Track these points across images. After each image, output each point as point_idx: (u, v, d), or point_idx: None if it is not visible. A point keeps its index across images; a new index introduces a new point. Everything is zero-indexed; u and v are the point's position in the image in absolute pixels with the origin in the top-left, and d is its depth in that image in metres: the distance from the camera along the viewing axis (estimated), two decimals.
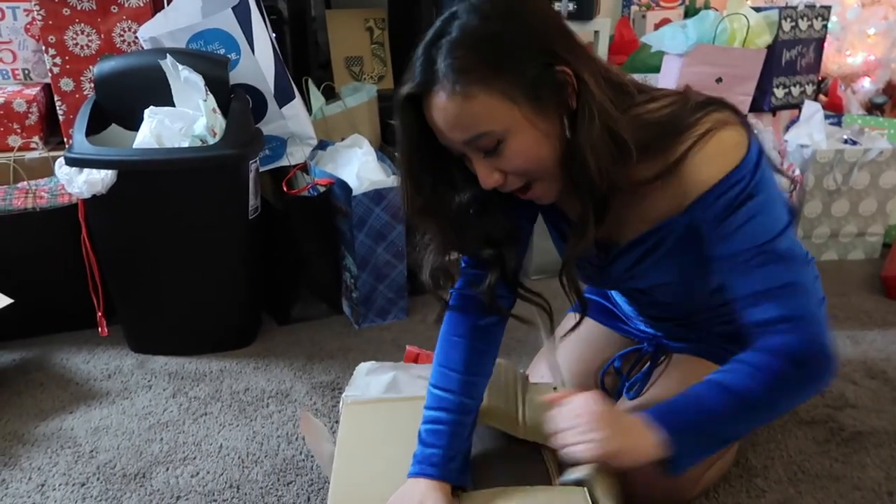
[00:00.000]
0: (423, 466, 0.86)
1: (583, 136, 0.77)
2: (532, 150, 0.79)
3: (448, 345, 0.94)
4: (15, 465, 1.16)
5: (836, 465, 1.15)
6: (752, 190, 0.79)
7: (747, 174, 0.79)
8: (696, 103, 0.82)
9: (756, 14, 1.98)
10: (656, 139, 0.81)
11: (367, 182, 1.53)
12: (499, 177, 0.81)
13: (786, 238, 0.81)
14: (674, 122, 0.81)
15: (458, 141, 0.79)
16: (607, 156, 0.78)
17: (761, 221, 0.80)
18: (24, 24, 1.67)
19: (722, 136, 0.80)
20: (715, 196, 0.80)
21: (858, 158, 1.89)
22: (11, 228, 1.45)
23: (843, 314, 1.66)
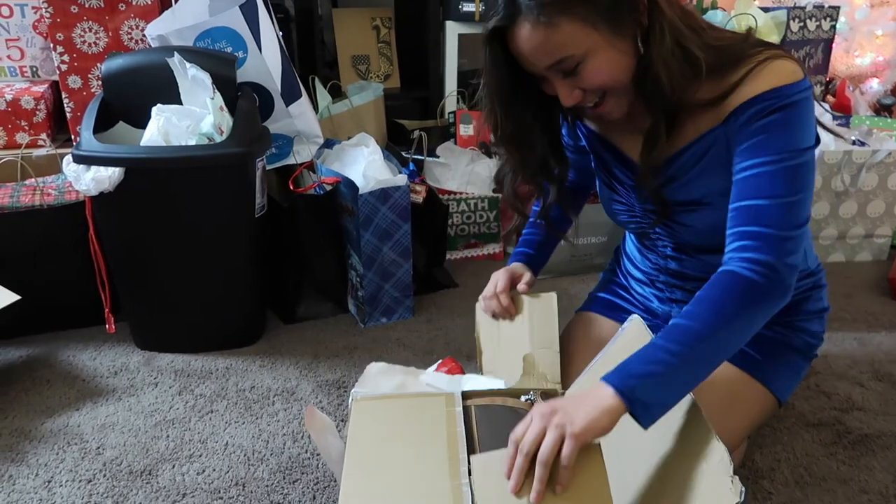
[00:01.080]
0: (517, 254, 1.20)
1: (655, 51, 0.84)
2: (609, 69, 0.85)
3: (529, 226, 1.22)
4: (22, 462, 1.17)
5: (843, 467, 1.14)
6: (787, 106, 0.84)
7: (790, 94, 0.84)
8: (757, 41, 0.90)
9: (764, 14, 1.98)
10: (719, 62, 0.87)
11: (374, 181, 1.53)
12: (578, 94, 0.88)
13: (799, 158, 0.84)
14: (736, 49, 0.88)
15: (542, 66, 0.86)
16: (678, 70, 0.85)
17: (781, 136, 0.84)
18: (33, 21, 1.68)
19: (780, 63, 0.86)
20: (753, 104, 0.85)
21: (866, 160, 1.88)
22: (19, 225, 1.45)
23: (851, 316, 1.65)
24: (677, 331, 0.79)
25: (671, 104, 0.88)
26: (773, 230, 0.82)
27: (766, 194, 0.84)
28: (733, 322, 0.80)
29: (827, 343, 1.51)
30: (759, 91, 0.85)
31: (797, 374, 1.09)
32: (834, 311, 1.65)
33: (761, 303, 0.81)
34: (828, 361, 1.45)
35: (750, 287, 0.81)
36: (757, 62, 0.86)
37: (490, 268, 1.23)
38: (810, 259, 1.09)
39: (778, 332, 1.07)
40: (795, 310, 1.08)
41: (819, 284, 1.11)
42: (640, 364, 0.77)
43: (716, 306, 0.80)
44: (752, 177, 0.85)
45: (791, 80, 0.85)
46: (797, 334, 1.08)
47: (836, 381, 1.38)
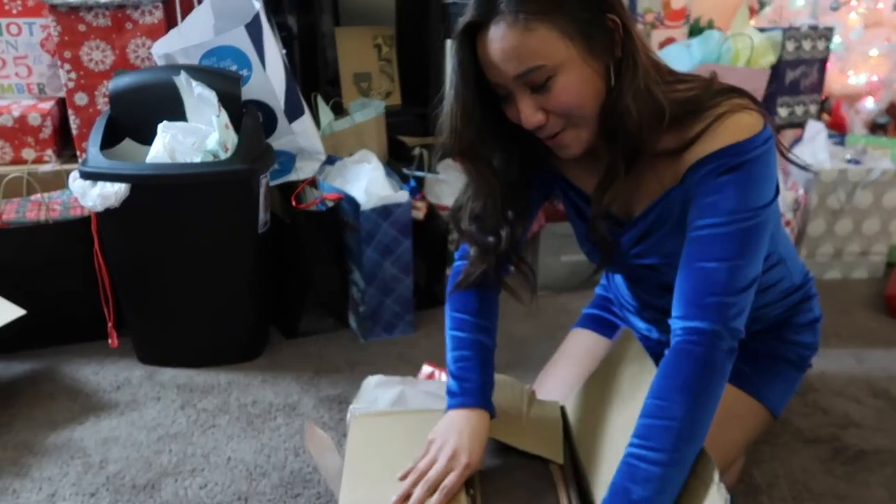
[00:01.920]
0: (464, 398, 0.92)
1: (626, 83, 0.82)
2: (579, 89, 0.83)
3: (457, 297, 1.02)
4: (26, 476, 1.17)
5: (841, 483, 1.15)
6: (743, 164, 0.83)
7: (747, 150, 0.83)
8: (719, 89, 0.87)
9: (760, 34, 2.01)
10: (680, 113, 0.85)
11: (375, 197, 1.55)
12: (541, 116, 0.84)
13: (752, 219, 0.83)
14: (696, 101, 0.86)
15: (510, 74, 0.82)
16: (646, 109, 0.83)
17: (735, 196, 0.83)
18: (40, 39, 1.70)
19: (738, 117, 0.84)
20: (708, 161, 0.84)
21: (862, 178, 1.90)
22: (24, 240, 1.47)
23: (847, 333, 1.67)
24: (656, 433, 0.78)
25: (633, 145, 0.86)
26: (719, 297, 0.81)
27: (714, 257, 0.82)
28: (701, 404, 0.80)
29: (824, 360, 1.52)
30: (714, 148, 0.83)
31: (791, 386, 1.11)
32: (830, 328, 1.67)
33: (715, 376, 0.81)
34: (825, 378, 1.46)
35: (706, 365, 0.81)
36: (715, 116, 0.84)
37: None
38: (795, 274, 1.08)
39: (770, 345, 1.09)
40: (786, 324, 1.09)
41: (808, 296, 1.12)
42: (638, 486, 0.77)
43: (682, 395, 0.79)
44: (704, 237, 0.84)
45: (748, 135, 0.83)
46: (789, 347, 1.10)
47: (834, 398, 1.39)
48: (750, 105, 0.85)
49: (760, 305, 1.04)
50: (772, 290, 1.05)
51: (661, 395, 0.80)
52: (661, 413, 0.79)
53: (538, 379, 1.24)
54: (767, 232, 0.87)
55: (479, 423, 0.91)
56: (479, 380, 0.94)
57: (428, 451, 0.89)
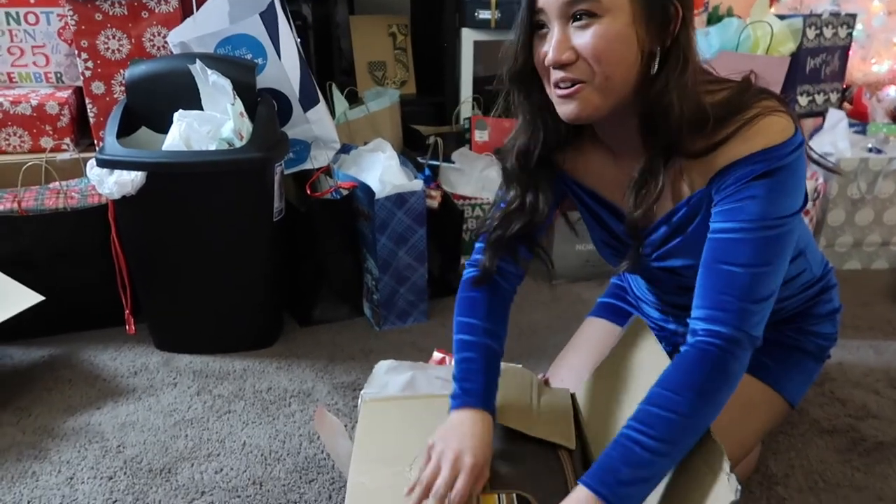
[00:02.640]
0: (465, 399, 0.89)
1: (672, 77, 0.80)
2: (617, 42, 0.79)
3: (467, 300, 0.99)
4: (45, 459, 1.19)
5: (858, 475, 1.14)
6: (774, 171, 0.81)
7: (779, 156, 0.81)
8: (756, 89, 0.85)
9: (780, 22, 1.98)
10: (718, 115, 0.82)
11: (390, 186, 1.55)
12: (571, 54, 0.80)
13: (779, 227, 0.82)
14: (728, 104, 0.83)
15: (559, 2, 0.79)
16: (690, 110, 0.81)
17: (765, 203, 0.81)
18: (58, 28, 1.71)
19: (769, 120, 0.81)
20: (739, 166, 0.82)
21: (883, 167, 1.87)
22: (43, 228, 1.49)
23: (866, 324, 1.65)
24: (658, 421, 0.78)
25: (670, 143, 0.84)
26: (743, 303, 0.80)
27: (739, 261, 0.81)
28: (706, 404, 0.79)
29: (842, 350, 1.51)
30: (745, 153, 0.81)
31: (809, 377, 1.10)
32: (850, 318, 1.65)
33: (727, 379, 0.81)
34: (843, 369, 1.45)
35: (719, 367, 0.80)
36: (747, 119, 0.81)
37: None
38: (815, 265, 1.07)
39: (789, 336, 1.08)
40: (805, 315, 1.08)
41: (828, 287, 1.10)
42: (628, 467, 0.76)
43: (689, 391, 0.78)
44: (728, 240, 0.82)
45: (780, 140, 0.81)
46: (808, 338, 1.09)
47: (852, 389, 1.38)
48: (781, 108, 0.83)
49: (780, 298, 1.01)
50: (792, 282, 1.04)
51: (670, 388, 0.79)
52: (667, 404, 0.78)
53: (552, 367, 1.24)
54: (793, 241, 0.85)
55: (481, 424, 0.88)
56: (482, 382, 0.91)
57: (430, 459, 0.86)
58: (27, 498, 1.10)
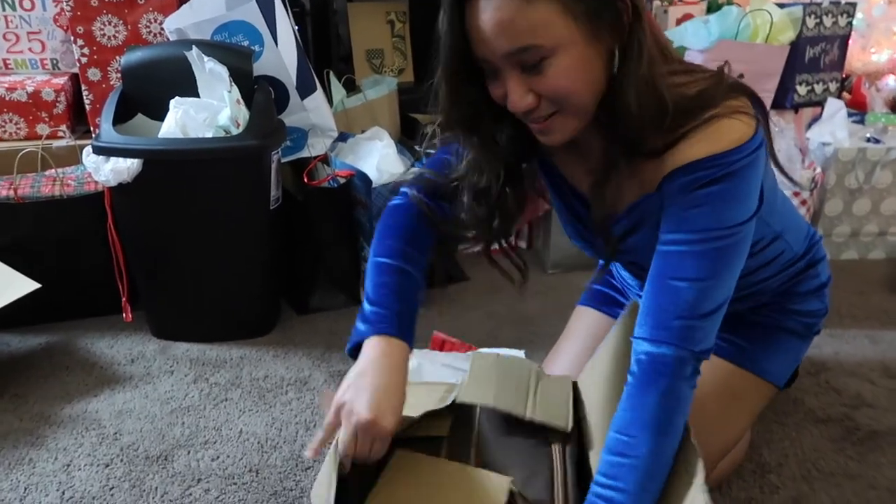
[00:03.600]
0: (379, 326, 0.83)
1: (631, 71, 0.74)
2: (576, 74, 0.74)
3: (390, 223, 0.93)
4: (42, 446, 1.19)
5: (851, 463, 1.15)
6: (725, 177, 0.76)
7: (731, 161, 0.76)
8: (728, 84, 0.80)
9: (780, 10, 1.97)
10: (677, 113, 0.77)
11: (387, 174, 1.55)
12: (532, 100, 0.76)
13: (728, 237, 0.78)
14: (695, 99, 0.78)
15: (500, 51, 0.73)
16: (649, 105, 0.75)
17: (713, 212, 0.77)
18: (53, 14, 1.70)
19: (725, 124, 0.76)
20: (686, 172, 0.77)
21: (881, 157, 1.87)
22: (39, 215, 1.48)
23: (863, 313, 1.65)
24: (622, 471, 0.76)
25: (631, 141, 0.78)
26: (686, 320, 0.77)
27: (685, 276, 0.77)
28: (664, 431, 0.78)
29: (838, 340, 1.51)
30: (694, 157, 0.76)
31: (795, 356, 1.08)
32: (846, 308, 1.65)
33: (680, 401, 0.79)
34: (838, 358, 1.45)
35: (668, 394, 0.77)
36: (705, 119, 0.76)
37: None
38: (796, 244, 1.02)
39: (768, 316, 1.05)
40: (788, 294, 1.05)
41: (814, 261, 1.06)
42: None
43: (643, 427, 0.77)
44: (674, 253, 0.78)
45: (735, 145, 0.76)
46: (791, 317, 1.06)
47: (847, 378, 1.38)
48: (746, 108, 0.78)
49: (759, 281, 1.01)
50: (770, 265, 1.01)
51: (625, 431, 0.78)
52: (625, 450, 0.77)
53: (547, 357, 1.24)
54: (745, 249, 0.81)
55: (396, 356, 0.82)
56: (396, 307, 0.84)
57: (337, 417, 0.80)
58: (24, 484, 1.10)
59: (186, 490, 1.09)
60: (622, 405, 0.80)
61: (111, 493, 1.09)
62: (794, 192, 1.86)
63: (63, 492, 1.09)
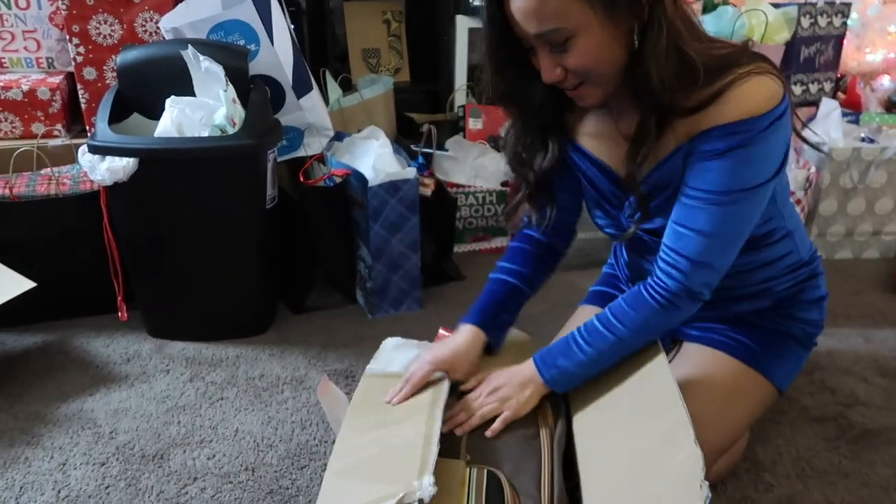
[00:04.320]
0: (465, 318, 1.07)
1: (649, 47, 0.82)
2: (597, 52, 0.84)
3: (511, 248, 1.15)
4: (37, 445, 1.19)
5: (845, 461, 1.15)
6: (752, 141, 0.83)
7: (761, 127, 0.83)
8: (753, 53, 0.88)
9: (775, 10, 1.97)
10: (710, 73, 0.84)
11: (383, 173, 1.55)
12: (560, 72, 0.87)
13: (743, 200, 0.87)
14: (727, 59, 0.86)
15: (531, 32, 0.84)
16: (671, 71, 0.83)
17: (734, 173, 0.85)
18: (49, 13, 1.70)
19: (762, 80, 0.83)
20: (721, 133, 0.84)
21: (875, 157, 1.88)
22: (35, 214, 1.48)
23: (857, 312, 1.66)
24: (598, 338, 0.95)
25: (661, 105, 0.86)
26: (690, 264, 0.89)
27: (697, 227, 0.88)
28: (641, 335, 0.95)
29: (832, 339, 1.52)
30: (730, 118, 0.83)
31: (797, 364, 1.11)
32: (840, 307, 1.66)
33: (665, 324, 0.95)
34: (832, 357, 1.46)
35: (660, 314, 0.93)
36: (740, 74, 0.83)
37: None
38: (803, 249, 1.08)
39: (777, 322, 1.08)
40: (793, 300, 1.09)
41: (815, 273, 1.11)
42: (564, 359, 0.97)
43: (630, 324, 0.94)
44: (691, 205, 0.88)
45: (767, 108, 0.83)
46: (796, 324, 1.09)
47: (841, 377, 1.39)
48: (773, 71, 0.85)
49: (767, 278, 1.05)
50: (778, 262, 1.04)
51: (616, 314, 0.95)
52: (607, 325, 0.95)
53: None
54: (754, 214, 0.90)
55: (467, 335, 1.05)
56: (487, 305, 1.08)
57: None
58: (19, 483, 1.10)
59: (182, 489, 1.09)
60: (625, 298, 0.96)
61: (107, 491, 1.09)
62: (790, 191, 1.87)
63: (59, 490, 1.09)
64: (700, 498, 0.70)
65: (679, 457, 0.76)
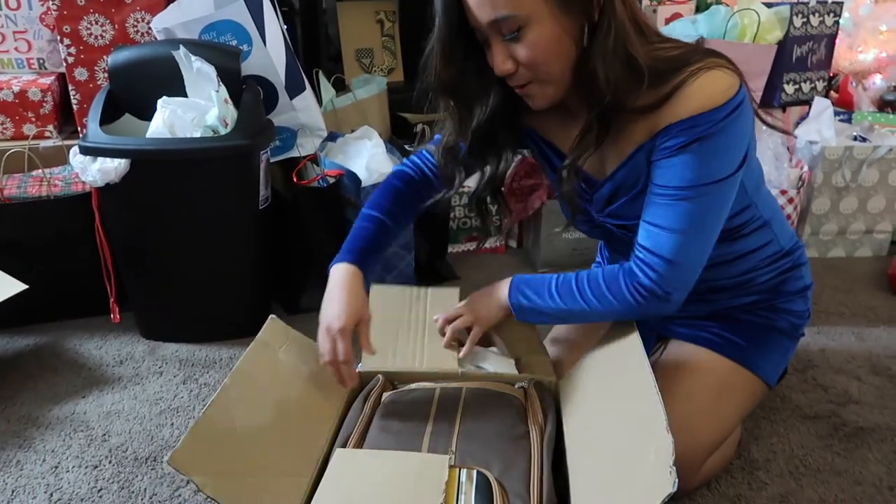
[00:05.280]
0: (341, 256, 1.04)
1: (597, 47, 0.83)
2: (548, 45, 0.84)
3: (386, 185, 1.12)
4: (29, 448, 1.19)
5: (838, 459, 1.16)
6: (712, 135, 0.83)
7: (719, 119, 0.83)
8: (705, 49, 0.88)
9: (767, 10, 1.98)
10: (662, 71, 0.85)
11: (377, 174, 1.55)
12: (511, 65, 0.86)
13: (709, 194, 0.86)
14: (678, 59, 0.86)
15: (484, 19, 0.84)
16: (618, 71, 0.83)
17: (697, 167, 0.85)
18: (40, 13, 1.69)
19: (715, 74, 0.84)
20: (680, 128, 0.85)
21: (868, 155, 1.88)
22: (26, 215, 1.47)
23: (850, 311, 1.66)
24: (570, 298, 0.96)
25: (607, 105, 0.86)
26: (670, 259, 0.88)
27: (667, 224, 0.88)
28: (610, 317, 0.98)
29: (825, 337, 1.52)
30: (686, 113, 0.84)
31: (784, 356, 1.11)
32: (833, 305, 1.67)
33: (636, 316, 0.96)
34: (826, 355, 1.46)
35: (632, 307, 0.93)
36: (691, 71, 0.84)
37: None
38: (783, 238, 1.07)
39: (762, 315, 1.08)
40: (776, 292, 1.09)
41: (798, 263, 1.10)
42: (536, 296, 0.98)
43: (603, 303, 0.94)
44: (661, 204, 0.88)
45: (722, 101, 0.83)
46: (781, 316, 1.09)
47: (834, 375, 1.39)
48: (727, 65, 0.85)
49: (747, 269, 1.05)
50: (758, 252, 1.04)
51: (592, 287, 0.95)
52: (581, 292, 0.95)
53: None
54: (723, 210, 0.89)
55: (350, 277, 1.02)
56: (363, 244, 1.05)
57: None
58: (11, 487, 1.10)
59: (175, 491, 1.09)
60: (604, 273, 0.95)
61: (100, 494, 1.08)
62: (782, 189, 1.88)
63: (51, 494, 1.08)
64: (669, 482, 0.70)
65: (652, 447, 0.76)
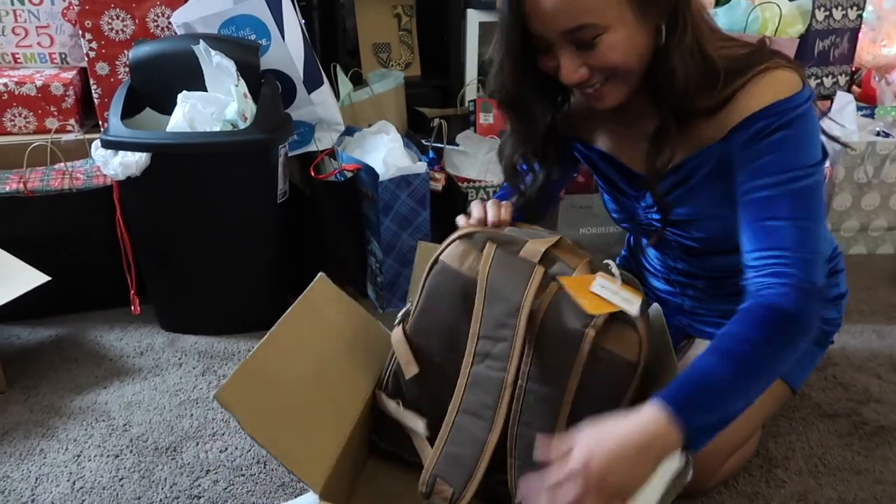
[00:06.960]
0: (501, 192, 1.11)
1: (675, 44, 0.83)
2: (626, 48, 0.83)
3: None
4: (52, 437, 1.21)
5: (858, 458, 1.15)
6: (791, 122, 0.82)
7: (792, 108, 0.82)
8: (770, 50, 0.88)
9: (789, 3, 1.95)
10: (729, 73, 0.85)
11: (394, 168, 1.55)
12: (585, 72, 0.85)
13: (808, 177, 0.83)
14: (745, 58, 0.86)
15: (558, 30, 0.82)
16: (695, 69, 0.83)
17: (789, 154, 0.82)
18: (62, 8, 1.71)
19: (778, 74, 0.84)
20: (754, 121, 0.83)
21: (890, 151, 1.86)
22: (49, 208, 1.49)
23: (870, 308, 1.64)
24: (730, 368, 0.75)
25: (680, 105, 0.86)
26: (794, 250, 0.79)
27: (781, 215, 0.81)
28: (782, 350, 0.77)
29: (845, 335, 1.51)
30: (759, 106, 0.83)
31: (811, 362, 1.10)
32: (854, 303, 1.65)
33: (800, 329, 0.77)
34: (846, 353, 1.45)
35: (790, 316, 0.76)
36: (757, 71, 0.84)
37: None
38: (825, 243, 1.06)
39: None
40: None
41: (835, 270, 1.10)
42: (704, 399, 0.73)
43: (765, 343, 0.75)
44: (761, 199, 0.82)
45: (791, 93, 0.83)
46: None
47: (854, 373, 1.38)
48: (790, 65, 0.86)
49: None
50: None
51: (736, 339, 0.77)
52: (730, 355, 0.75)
53: None
54: (823, 191, 0.86)
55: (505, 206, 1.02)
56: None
57: None
58: (35, 475, 1.12)
59: (195, 481, 1.10)
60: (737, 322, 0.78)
61: (121, 483, 1.10)
62: None
63: (74, 482, 1.10)
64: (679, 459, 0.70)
65: None
